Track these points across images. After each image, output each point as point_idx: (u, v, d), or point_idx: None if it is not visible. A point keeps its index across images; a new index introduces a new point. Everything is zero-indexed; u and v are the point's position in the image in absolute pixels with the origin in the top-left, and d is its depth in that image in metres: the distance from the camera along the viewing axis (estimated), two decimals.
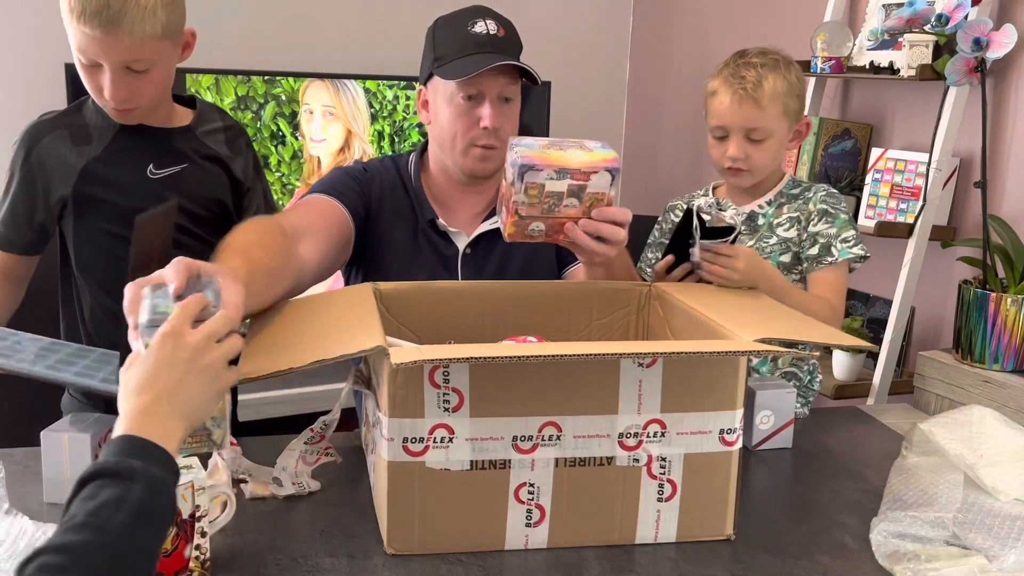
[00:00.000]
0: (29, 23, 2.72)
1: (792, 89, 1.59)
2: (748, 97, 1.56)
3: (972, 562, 1.12)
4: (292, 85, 2.84)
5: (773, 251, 1.66)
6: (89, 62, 1.39)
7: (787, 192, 1.68)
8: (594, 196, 1.30)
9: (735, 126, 1.59)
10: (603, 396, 1.13)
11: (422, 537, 1.12)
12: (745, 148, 1.59)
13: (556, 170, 1.28)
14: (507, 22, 1.60)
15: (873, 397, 2.31)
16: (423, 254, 1.62)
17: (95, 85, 1.42)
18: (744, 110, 1.57)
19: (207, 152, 1.58)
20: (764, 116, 1.57)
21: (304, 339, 1.18)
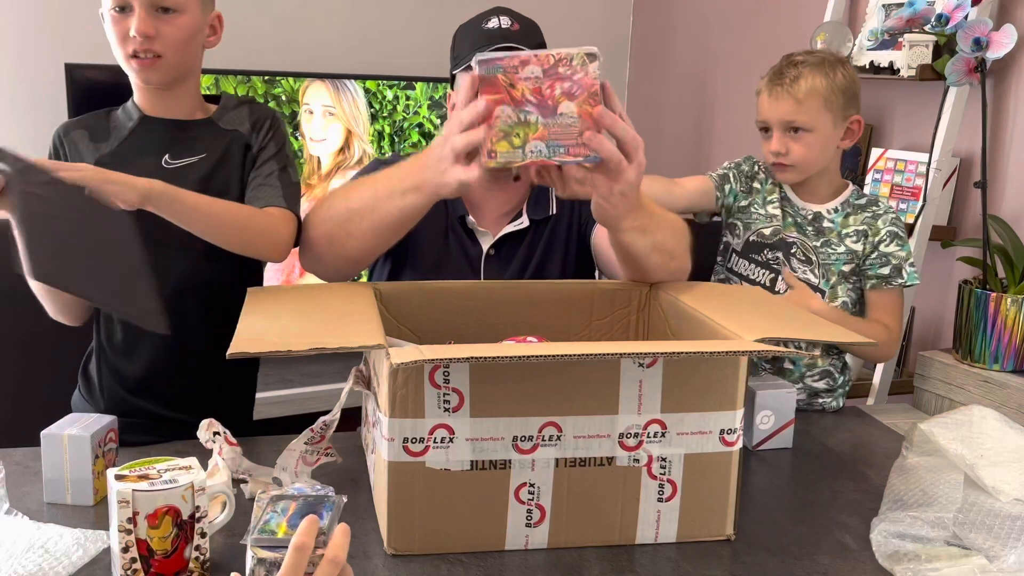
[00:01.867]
0: (29, 23, 2.72)
1: (835, 86, 1.61)
2: (784, 92, 1.61)
3: (972, 562, 1.12)
4: (292, 85, 2.84)
5: (839, 259, 1.67)
6: (120, 4, 1.41)
7: (853, 202, 1.70)
8: (589, 91, 1.19)
9: (773, 120, 1.64)
10: (603, 396, 1.12)
11: (422, 537, 1.12)
12: (786, 142, 1.63)
13: (521, 60, 1.19)
14: (526, 20, 1.61)
15: (873, 397, 2.31)
16: (451, 251, 1.63)
17: (123, 32, 1.42)
18: (781, 104, 1.62)
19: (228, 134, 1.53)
20: (801, 110, 1.61)
21: (304, 326, 1.18)
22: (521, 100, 1.19)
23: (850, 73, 1.64)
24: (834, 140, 1.65)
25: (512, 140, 1.21)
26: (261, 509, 1.00)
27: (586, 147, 1.21)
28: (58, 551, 1.09)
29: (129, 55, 1.43)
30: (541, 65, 1.18)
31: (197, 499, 1.04)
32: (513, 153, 1.21)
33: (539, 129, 1.20)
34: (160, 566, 1.03)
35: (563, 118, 1.20)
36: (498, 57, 1.19)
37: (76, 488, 1.23)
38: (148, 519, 1.01)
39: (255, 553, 0.95)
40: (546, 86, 1.19)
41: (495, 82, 1.19)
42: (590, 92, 1.19)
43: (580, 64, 1.18)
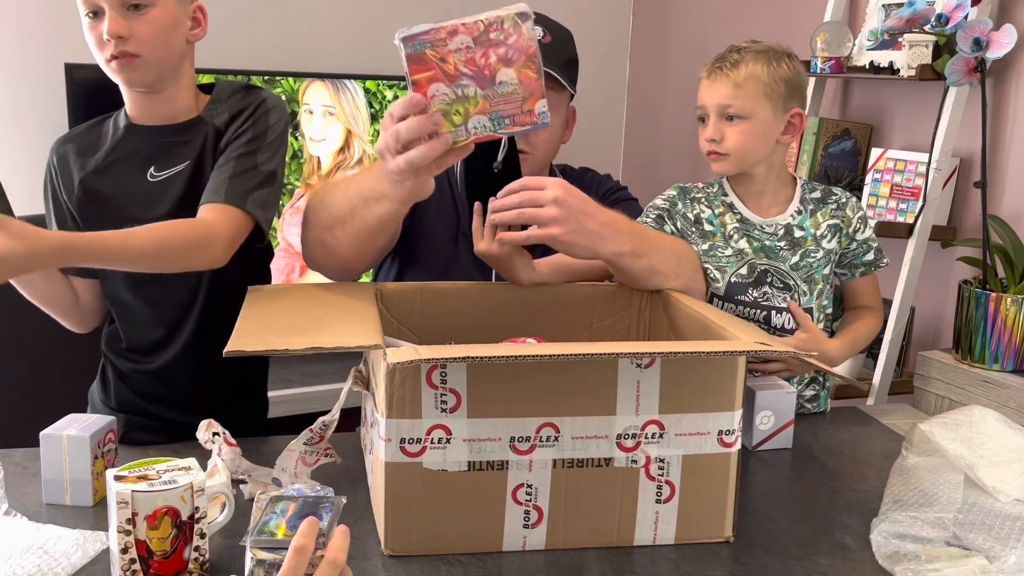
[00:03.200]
0: (29, 23, 2.72)
1: (776, 75, 1.54)
2: (723, 75, 1.55)
3: (973, 563, 1.11)
4: (292, 85, 2.84)
5: (820, 264, 1.60)
6: (92, 8, 1.40)
7: (809, 197, 1.64)
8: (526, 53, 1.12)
9: (710, 104, 1.57)
10: (601, 397, 1.12)
11: (420, 538, 1.12)
12: (721, 128, 1.55)
13: (448, 31, 1.11)
14: (560, 30, 1.59)
15: (873, 397, 2.31)
16: (461, 255, 1.61)
17: (98, 36, 1.40)
18: (718, 87, 1.56)
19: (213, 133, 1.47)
20: (739, 94, 1.53)
21: (302, 325, 1.18)
22: (455, 74, 1.12)
23: (795, 66, 1.58)
24: (773, 132, 1.57)
25: (452, 118, 1.14)
26: (260, 510, 1.00)
27: (532, 113, 1.14)
28: (57, 552, 1.09)
29: (108, 59, 1.40)
30: (470, 34, 1.11)
31: (196, 500, 1.04)
32: (456, 132, 1.15)
33: (479, 102, 1.14)
34: (159, 567, 1.03)
35: (503, 87, 1.13)
36: (422, 31, 1.11)
37: (75, 489, 1.23)
38: (147, 520, 1.01)
39: (254, 554, 0.95)
40: (479, 55, 1.12)
41: (424, 59, 1.12)
42: (528, 55, 1.12)
43: (512, 26, 1.11)
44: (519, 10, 1.11)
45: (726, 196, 1.64)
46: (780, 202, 1.63)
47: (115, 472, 1.04)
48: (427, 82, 1.12)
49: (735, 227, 1.61)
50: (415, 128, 1.14)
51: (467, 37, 1.11)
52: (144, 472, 1.04)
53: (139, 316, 1.52)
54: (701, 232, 1.62)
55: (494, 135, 1.16)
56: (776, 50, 1.57)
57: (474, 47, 1.11)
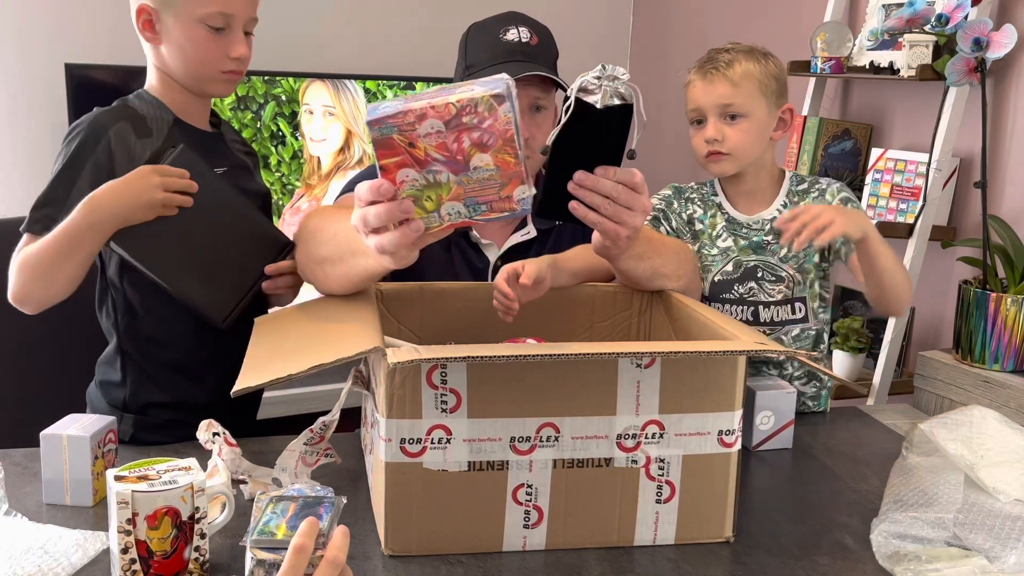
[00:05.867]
0: (29, 23, 2.72)
1: (768, 71, 1.55)
2: (720, 75, 1.54)
3: (973, 563, 1.11)
4: (292, 85, 2.84)
5: (810, 253, 1.60)
6: (222, 24, 1.44)
7: (795, 190, 1.63)
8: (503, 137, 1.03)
9: (709, 105, 1.55)
10: (601, 397, 1.12)
11: (420, 538, 1.12)
12: (722, 128, 1.55)
13: (416, 115, 1.02)
14: (542, 29, 1.58)
15: (873, 397, 2.31)
16: (455, 265, 1.60)
17: (219, 51, 1.45)
18: (716, 87, 1.54)
19: (236, 160, 1.60)
20: (738, 93, 1.54)
21: (304, 344, 1.17)
22: (426, 159, 1.04)
23: (779, 63, 1.58)
24: (768, 129, 1.58)
25: (424, 204, 1.07)
26: (260, 510, 1.00)
27: (511, 200, 1.07)
28: (57, 552, 1.09)
29: (224, 71, 1.47)
30: (441, 118, 1.02)
31: (196, 500, 1.04)
32: (428, 218, 1.07)
33: (453, 188, 1.06)
34: (159, 567, 1.03)
35: (478, 172, 1.05)
36: (388, 115, 1.02)
37: (75, 489, 1.23)
38: (147, 520, 1.01)
39: (254, 554, 0.95)
40: (451, 140, 1.03)
41: (392, 143, 1.03)
42: (505, 139, 1.03)
43: (487, 109, 1.02)
44: (494, 92, 1.02)
45: (715, 196, 1.64)
46: (768, 199, 1.64)
47: (115, 472, 1.04)
48: (396, 167, 1.05)
49: (723, 227, 1.62)
50: (383, 216, 1.08)
51: (438, 121, 1.02)
52: (144, 472, 1.04)
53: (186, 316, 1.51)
54: (692, 232, 1.63)
55: (471, 221, 1.08)
56: (759, 49, 1.58)
57: (446, 131, 1.03)
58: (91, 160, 1.44)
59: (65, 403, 1.60)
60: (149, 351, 1.53)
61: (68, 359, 1.71)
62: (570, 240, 1.64)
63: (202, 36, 1.44)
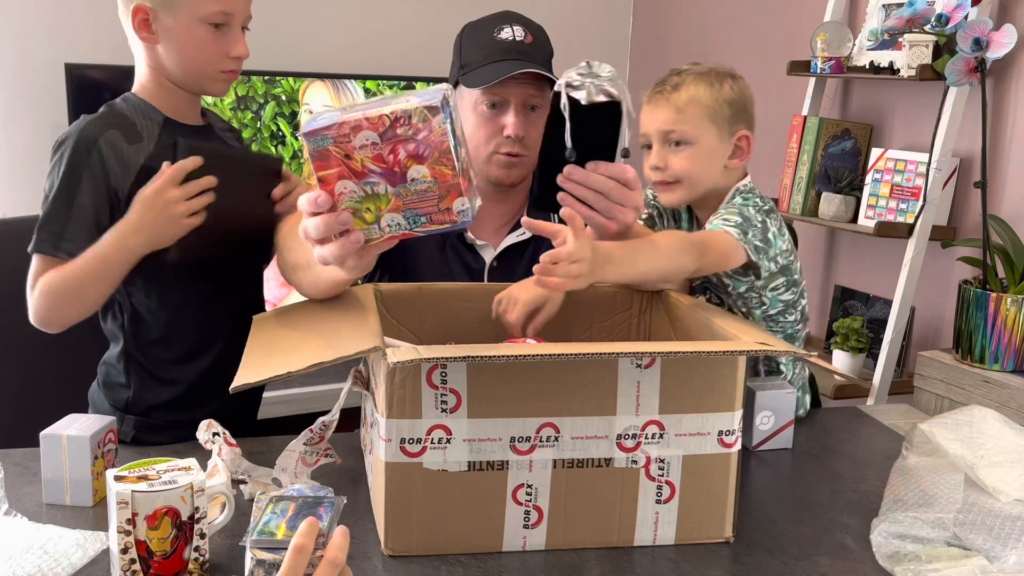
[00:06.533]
0: (29, 23, 2.73)
1: (720, 97, 1.46)
2: (663, 100, 1.48)
3: (973, 563, 1.11)
4: (292, 85, 2.84)
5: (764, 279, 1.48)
6: (223, 21, 1.45)
7: (728, 201, 1.50)
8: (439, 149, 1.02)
9: (652, 131, 1.48)
10: (601, 397, 1.12)
11: (420, 538, 1.12)
12: (665, 156, 1.47)
13: (351, 126, 1.01)
14: (536, 27, 1.58)
15: (873, 397, 2.31)
16: (451, 266, 1.60)
17: (219, 51, 1.46)
18: (659, 113, 1.47)
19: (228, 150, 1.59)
20: (681, 119, 1.45)
21: (303, 342, 1.17)
22: (362, 171, 1.03)
23: (740, 87, 1.49)
24: (720, 156, 1.48)
25: (364, 216, 1.06)
26: (260, 510, 1.00)
27: (451, 211, 1.06)
28: (57, 552, 1.09)
29: (224, 71, 1.47)
30: (375, 129, 1.01)
31: (196, 500, 1.04)
32: (369, 230, 1.07)
33: (391, 200, 1.05)
34: (159, 567, 1.03)
35: (416, 184, 1.04)
36: (323, 127, 1.01)
37: (75, 489, 1.23)
38: (147, 520, 1.01)
39: (254, 554, 0.95)
40: (387, 152, 1.02)
41: (328, 155, 1.03)
42: (441, 151, 1.02)
43: (420, 121, 1.01)
44: (428, 104, 1.00)
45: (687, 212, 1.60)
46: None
47: (115, 472, 1.04)
48: (333, 179, 1.04)
49: None
50: (322, 228, 1.07)
51: (372, 133, 1.01)
52: (144, 472, 1.04)
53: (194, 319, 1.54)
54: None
55: (411, 233, 1.07)
56: (719, 71, 1.50)
57: (380, 143, 1.02)
58: (86, 173, 1.43)
59: (65, 403, 1.60)
60: (155, 354, 1.54)
61: (68, 359, 1.71)
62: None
63: (203, 36, 1.44)
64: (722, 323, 1.24)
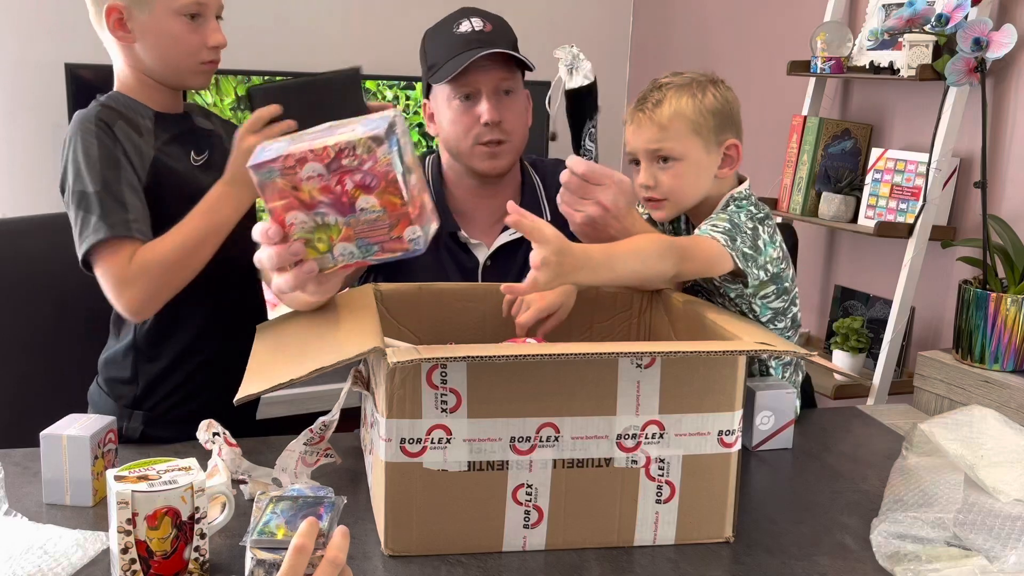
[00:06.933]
0: (29, 23, 2.73)
1: (703, 108, 1.43)
2: (646, 118, 1.45)
3: (973, 563, 1.11)
4: None
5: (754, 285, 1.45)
6: (197, 11, 1.45)
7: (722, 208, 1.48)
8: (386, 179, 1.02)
9: (640, 149, 1.46)
10: (601, 397, 1.12)
11: (420, 538, 1.12)
12: (655, 173, 1.45)
13: (297, 159, 1.01)
14: (496, 18, 1.59)
15: (873, 397, 2.31)
16: (445, 267, 1.60)
17: (198, 42, 1.46)
18: (643, 132, 1.45)
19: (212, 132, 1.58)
20: (666, 136, 1.43)
21: (305, 347, 1.17)
22: (311, 202, 1.03)
23: (723, 94, 1.46)
24: (709, 167, 1.45)
25: (316, 245, 1.07)
26: (260, 510, 1.00)
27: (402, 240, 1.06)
28: (57, 552, 1.09)
29: (203, 62, 1.47)
30: (320, 161, 1.01)
31: (196, 500, 1.04)
32: (323, 259, 1.07)
33: (342, 230, 1.05)
34: (159, 567, 1.03)
35: (365, 214, 1.04)
36: (269, 159, 1.02)
37: (75, 489, 1.23)
38: (147, 520, 1.01)
39: (255, 554, 0.95)
40: (334, 183, 1.02)
41: (276, 187, 1.03)
42: (387, 180, 1.02)
43: (365, 152, 1.01)
44: (372, 133, 1.01)
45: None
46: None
47: (115, 472, 1.04)
48: (283, 210, 1.04)
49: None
50: (275, 259, 1.08)
51: (318, 164, 1.01)
52: (144, 472, 1.04)
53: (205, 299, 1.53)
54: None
55: (364, 262, 1.08)
56: (699, 80, 1.47)
57: (327, 174, 1.02)
58: (120, 154, 1.42)
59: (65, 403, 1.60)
60: (165, 343, 1.54)
61: (68, 359, 1.71)
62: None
63: (179, 28, 1.43)
64: (723, 323, 1.24)
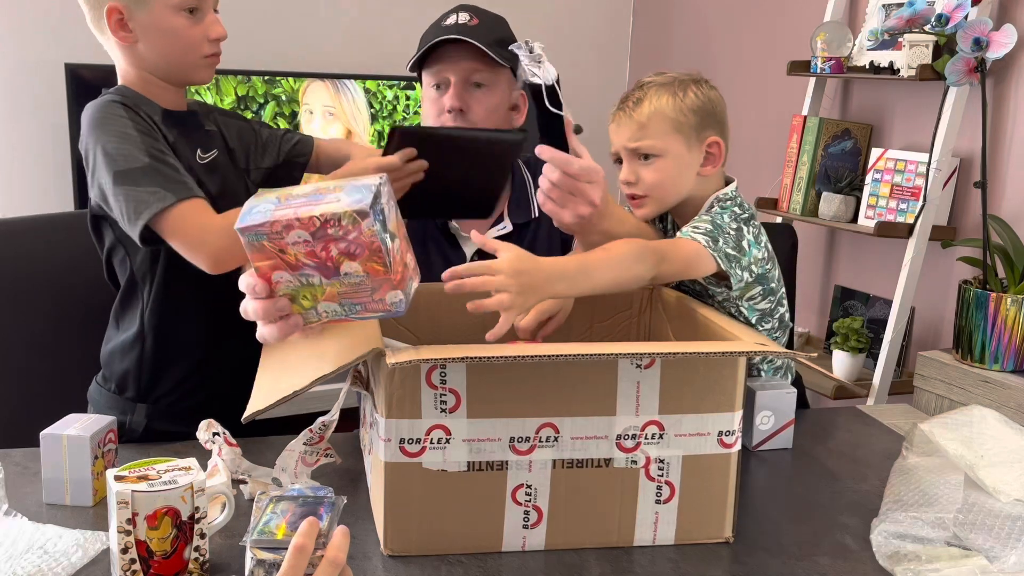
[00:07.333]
0: (29, 23, 2.73)
1: (684, 106, 1.43)
2: (627, 116, 1.45)
3: (973, 563, 1.11)
4: (292, 85, 2.84)
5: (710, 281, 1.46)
6: (196, 5, 1.45)
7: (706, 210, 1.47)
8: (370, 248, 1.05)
9: (620, 147, 1.47)
10: (601, 397, 1.12)
11: (419, 538, 1.12)
12: (636, 170, 1.45)
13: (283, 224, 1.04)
14: (487, 15, 1.59)
15: (873, 397, 2.31)
16: (432, 260, 1.60)
17: (199, 36, 1.46)
18: (623, 130, 1.46)
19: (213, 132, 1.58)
20: (646, 133, 1.43)
21: (307, 355, 1.16)
22: (297, 264, 1.06)
23: (706, 92, 1.46)
24: (691, 165, 1.44)
25: (301, 302, 1.10)
26: (261, 510, 1.00)
27: (384, 302, 1.09)
28: (57, 552, 1.09)
29: (206, 55, 1.47)
30: (306, 229, 1.04)
31: (196, 500, 1.05)
32: (307, 314, 1.10)
33: (326, 290, 1.08)
34: (159, 567, 1.03)
35: (349, 278, 1.07)
36: (256, 224, 1.04)
37: (75, 489, 1.23)
38: (147, 520, 1.01)
39: (255, 554, 0.95)
40: (319, 249, 1.05)
41: (263, 248, 1.06)
42: (372, 250, 1.05)
43: (351, 223, 1.03)
44: (357, 207, 1.03)
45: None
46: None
47: (115, 472, 1.04)
48: (269, 269, 1.07)
49: None
50: (260, 313, 1.10)
51: (304, 232, 1.04)
52: (144, 472, 1.04)
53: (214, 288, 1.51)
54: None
55: (347, 319, 1.11)
56: (682, 79, 1.47)
57: (313, 241, 1.05)
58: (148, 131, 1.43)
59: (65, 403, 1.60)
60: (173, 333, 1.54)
61: (68, 359, 1.71)
62: (547, 235, 1.64)
63: (180, 24, 1.44)
64: (722, 323, 1.24)
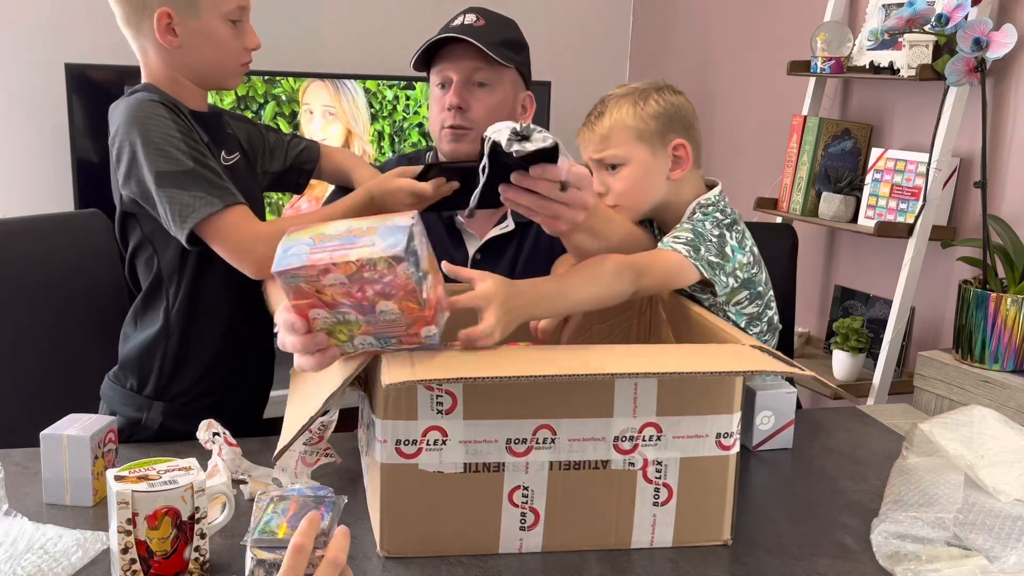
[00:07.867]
0: (29, 23, 2.73)
1: (644, 114, 1.45)
2: (589, 131, 1.49)
3: (973, 563, 1.11)
4: (292, 85, 2.84)
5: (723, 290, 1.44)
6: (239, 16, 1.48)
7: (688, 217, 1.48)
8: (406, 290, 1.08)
9: (587, 159, 1.50)
10: (598, 399, 1.12)
11: (415, 540, 1.12)
12: (605, 180, 1.47)
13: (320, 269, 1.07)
14: (495, 16, 1.59)
15: (873, 397, 2.31)
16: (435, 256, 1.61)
17: (239, 45, 1.49)
18: (588, 144, 1.50)
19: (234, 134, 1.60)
20: (608, 144, 1.46)
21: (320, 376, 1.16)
22: (333, 303, 1.09)
23: (668, 99, 1.47)
24: (659, 170, 1.46)
25: (338, 336, 1.12)
26: (261, 510, 1.00)
27: (419, 335, 1.12)
28: (57, 552, 1.09)
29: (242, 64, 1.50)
30: (343, 272, 1.07)
31: (197, 500, 1.05)
32: (344, 346, 1.13)
33: (362, 326, 1.11)
34: (159, 567, 1.03)
35: (384, 315, 1.10)
36: (294, 267, 1.07)
37: (75, 489, 1.23)
38: (147, 520, 1.01)
39: (255, 554, 0.95)
40: (355, 290, 1.08)
41: (301, 290, 1.09)
42: (407, 291, 1.08)
43: (386, 267, 1.06)
44: (392, 254, 1.06)
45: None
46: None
47: (115, 472, 1.04)
48: (306, 307, 1.10)
49: None
50: (299, 348, 1.12)
51: (341, 275, 1.07)
52: (144, 472, 1.05)
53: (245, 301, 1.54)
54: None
55: (384, 351, 1.13)
56: (643, 89, 1.49)
57: (348, 283, 1.07)
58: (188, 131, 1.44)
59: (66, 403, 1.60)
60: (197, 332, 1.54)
61: (68, 359, 1.71)
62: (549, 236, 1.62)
63: (226, 33, 1.46)
64: (722, 324, 1.24)
